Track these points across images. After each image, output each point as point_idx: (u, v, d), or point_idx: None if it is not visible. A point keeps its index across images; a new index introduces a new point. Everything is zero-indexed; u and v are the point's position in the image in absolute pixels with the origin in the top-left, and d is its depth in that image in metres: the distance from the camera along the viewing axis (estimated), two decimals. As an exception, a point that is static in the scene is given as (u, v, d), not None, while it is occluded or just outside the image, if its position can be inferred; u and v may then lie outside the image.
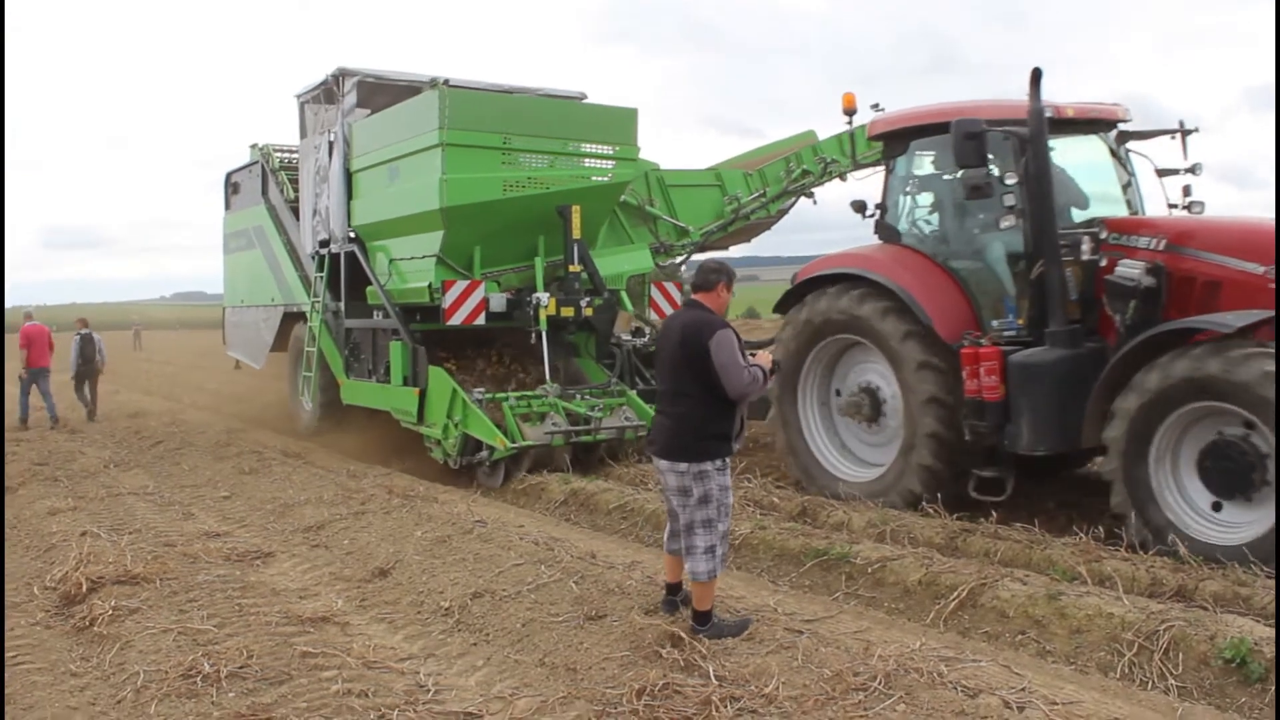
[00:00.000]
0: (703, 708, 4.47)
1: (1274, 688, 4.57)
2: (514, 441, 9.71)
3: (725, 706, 4.47)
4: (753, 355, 5.33)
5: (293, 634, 5.73)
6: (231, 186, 16.67)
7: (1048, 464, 8.10)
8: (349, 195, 12.56)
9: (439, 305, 10.90)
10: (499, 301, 10.98)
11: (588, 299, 11.16)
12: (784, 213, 13.90)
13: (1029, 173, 7.34)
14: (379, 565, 7.09)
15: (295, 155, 15.16)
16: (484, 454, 10.10)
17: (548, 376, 10.74)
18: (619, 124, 11.62)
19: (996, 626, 5.58)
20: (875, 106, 14.73)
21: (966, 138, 7.16)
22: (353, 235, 12.47)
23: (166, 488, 10.76)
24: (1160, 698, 4.69)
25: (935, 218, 8.49)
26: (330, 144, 12.85)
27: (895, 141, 8.51)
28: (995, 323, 7.77)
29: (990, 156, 7.46)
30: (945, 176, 8.31)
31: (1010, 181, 7.33)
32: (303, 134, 13.91)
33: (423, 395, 10.87)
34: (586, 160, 11.41)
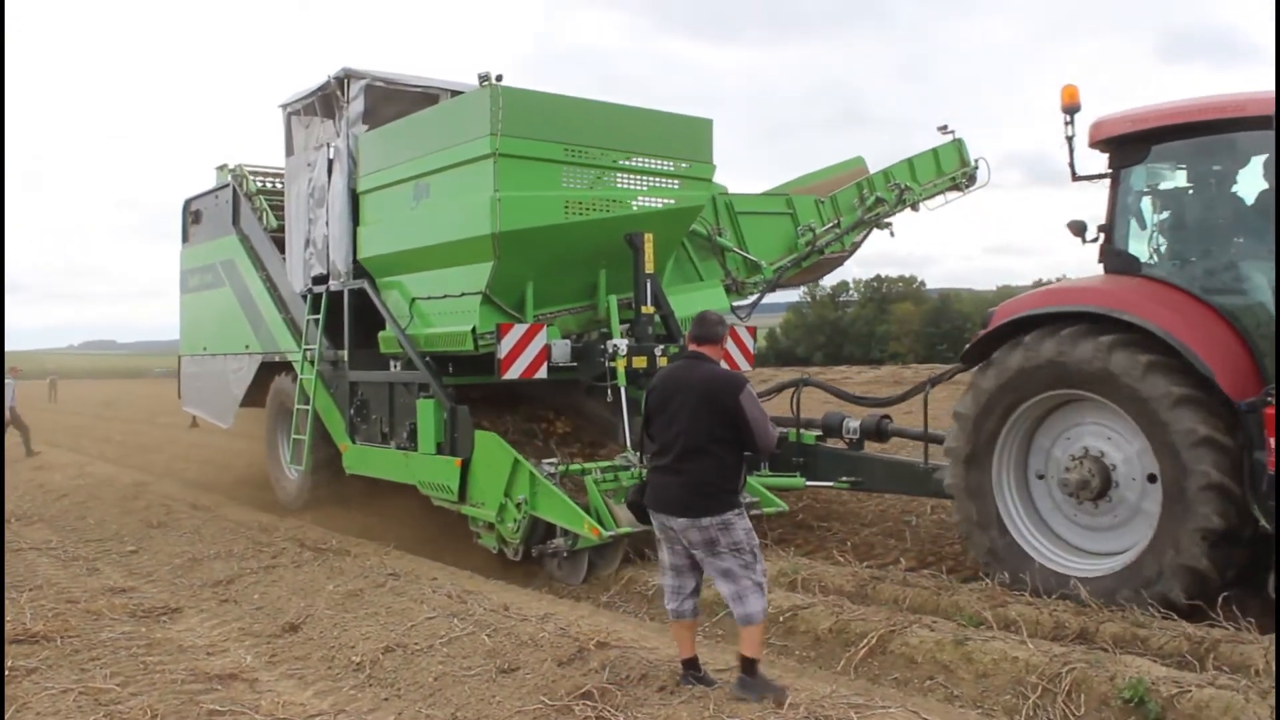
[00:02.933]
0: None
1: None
2: (609, 528, 7.58)
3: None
4: None
5: (199, 692, 5.60)
6: (191, 216, 14.27)
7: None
8: (354, 221, 10.39)
9: (483, 354, 8.82)
10: (562, 350, 8.89)
11: (661, 347, 9.13)
12: (856, 247, 12.06)
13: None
14: (289, 620, 6.99)
15: (277, 177, 12.93)
16: (559, 542, 7.97)
17: (628, 443, 8.65)
18: (693, 136, 9.67)
19: (906, 672, 5.66)
20: (943, 128, 13.28)
21: None
22: (356, 269, 10.32)
23: (70, 542, 10.36)
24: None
25: (1188, 242, 6.68)
26: (330, 160, 10.68)
27: (1128, 148, 6.68)
28: (1284, 375, 5.94)
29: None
30: (1192, 191, 6.53)
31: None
32: (289, 151, 11.69)
33: (465, 467, 8.70)
34: (656, 179, 9.43)
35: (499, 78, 8.59)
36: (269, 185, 12.85)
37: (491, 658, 5.82)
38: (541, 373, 8.67)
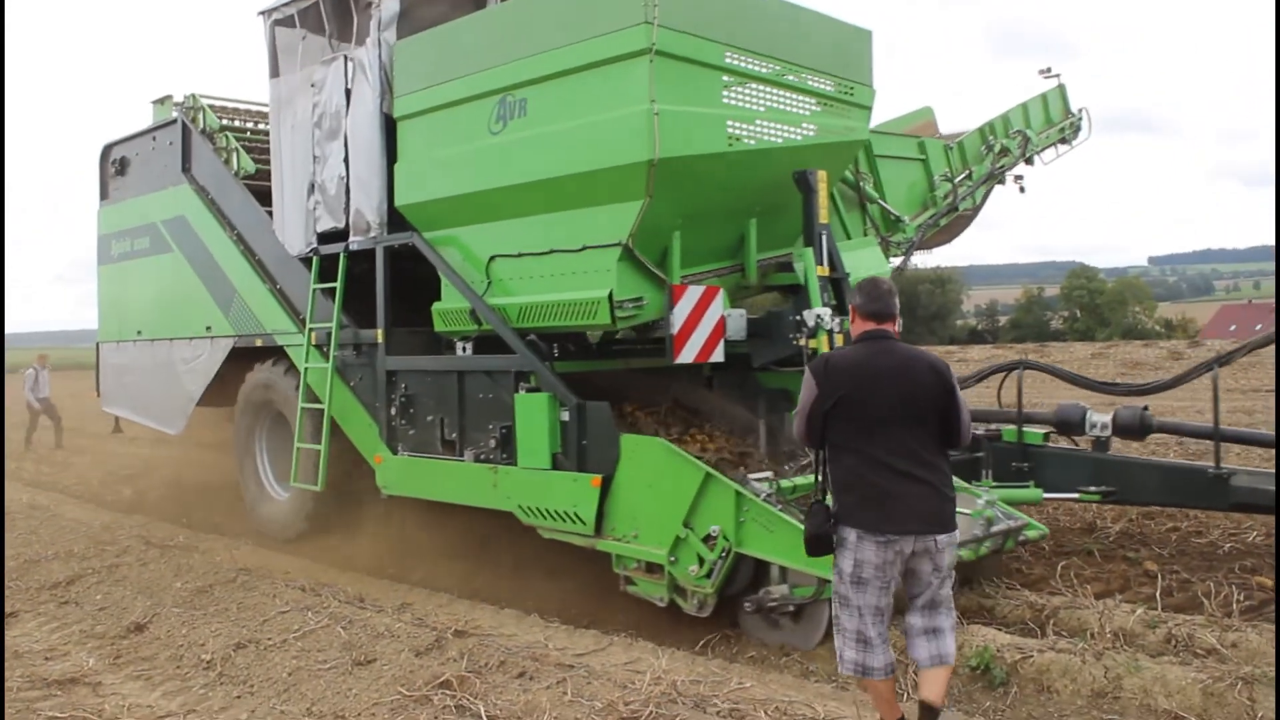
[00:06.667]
0: (475, 748, 4.53)
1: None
2: None
3: (498, 746, 4.54)
4: None
5: (37, 699, 5.38)
6: (114, 165, 11.19)
7: None
8: (389, 157, 7.77)
9: (625, 331, 6.47)
10: (737, 323, 6.56)
11: (839, 320, 6.88)
12: (983, 203, 10.10)
13: None
14: (135, 620, 6.77)
15: (240, 115, 10.10)
16: (782, 590, 5.65)
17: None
18: (853, 51, 7.48)
19: (761, 650, 5.75)
20: (1045, 71, 11.48)
21: None
22: (391, 219, 7.76)
23: (-110, 549, 9.51)
24: (914, 707, 4.29)
25: None
26: (348, 78, 8.02)
27: None
28: None
29: None
30: None
31: None
32: (274, 71, 8.92)
33: (605, 486, 6.27)
34: (815, 101, 7.17)
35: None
36: (240, 123, 10.01)
37: (347, 650, 5.75)
38: (717, 354, 6.34)
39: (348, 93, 8.02)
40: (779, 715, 4.58)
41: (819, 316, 6.40)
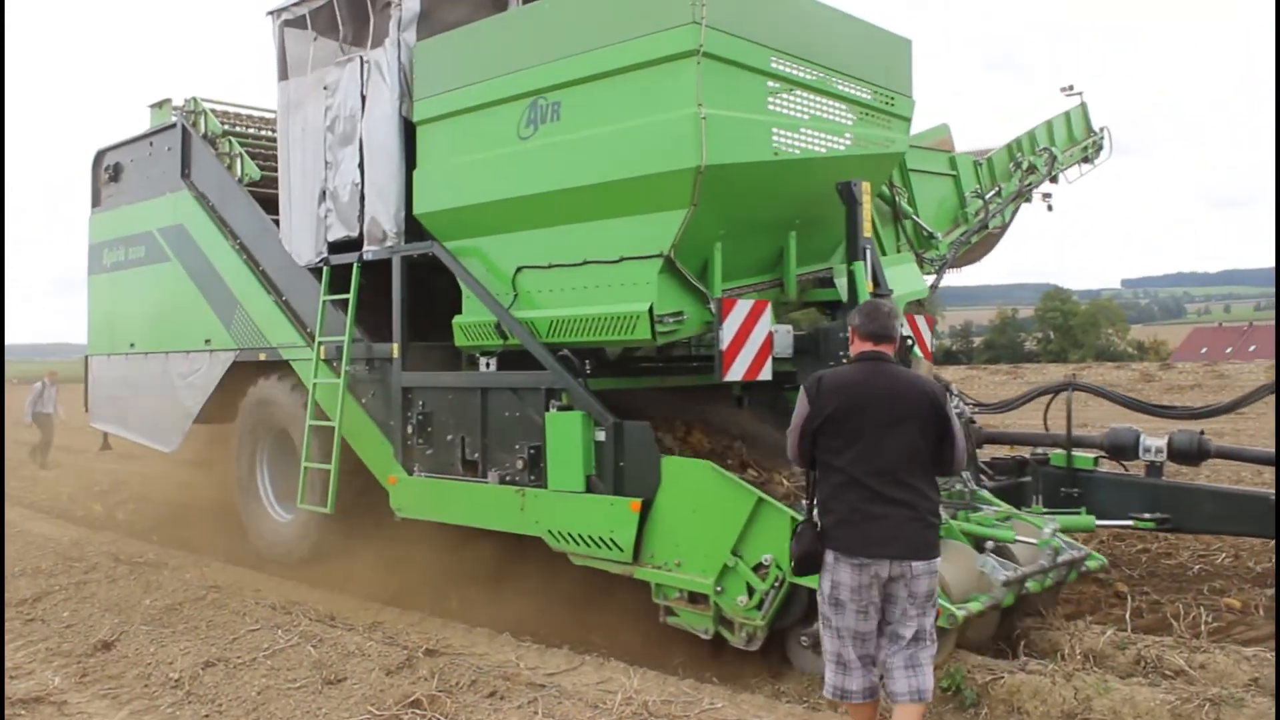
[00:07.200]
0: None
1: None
2: (956, 603, 4.99)
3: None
4: None
5: None
6: (106, 171, 10.76)
7: None
8: (408, 163, 7.43)
9: (663, 347, 6.14)
10: (784, 340, 6.24)
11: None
12: (1011, 221, 9.86)
13: None
14: (102, 638, 6.67)
15: (244, 113, 9.73)
16: (841, 626, 5.32)
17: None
18: (893, 58, 7.23)
19: (734, 670, 5.72)
20: (1068, 89, 11.31)
21: None
22: (409, 228, 7.41)
23: None
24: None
25: None
26: (363, 80, 7.68)
27: None
28: None
29: None
30: None
31: None
32: (283, 73, 8.57)
33: (645, 512, 5.92)
34: (855, 111, 6.91)
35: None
36: (242, 127, 9.64)
37: (317, 669, 5.73)
38: (765, 372, 6.02)
39: (363, 96, 7.67)
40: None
41: (869, 333, 6.08)
